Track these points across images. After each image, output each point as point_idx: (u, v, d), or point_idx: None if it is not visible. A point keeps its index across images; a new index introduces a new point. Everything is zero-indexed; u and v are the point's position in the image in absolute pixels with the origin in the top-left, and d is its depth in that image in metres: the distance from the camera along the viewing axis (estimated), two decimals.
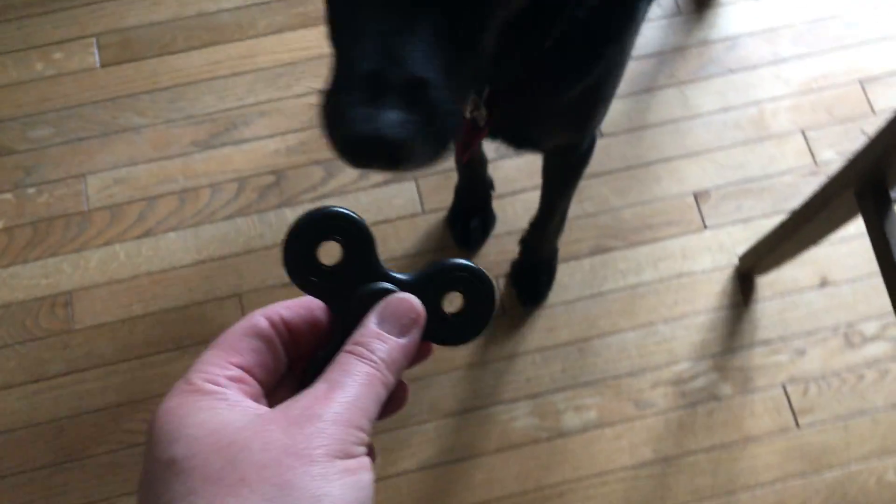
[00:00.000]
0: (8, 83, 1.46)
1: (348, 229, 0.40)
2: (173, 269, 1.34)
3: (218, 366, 0.37)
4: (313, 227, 0.40)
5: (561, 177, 1.07)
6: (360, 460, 0.34)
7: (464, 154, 0.82)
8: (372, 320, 0.39)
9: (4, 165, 1.41)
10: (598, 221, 1.36)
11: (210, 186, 1.39)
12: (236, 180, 1.39)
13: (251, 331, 0.39)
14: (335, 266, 0.40)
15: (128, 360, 1.30)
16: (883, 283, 0.96)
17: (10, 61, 1.47)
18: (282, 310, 0.40)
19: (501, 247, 1.35)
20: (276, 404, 0.36)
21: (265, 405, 0.38)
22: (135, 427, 1.26)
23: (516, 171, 1.39)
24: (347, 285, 0.40)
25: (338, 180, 1.39)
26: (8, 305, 1.32)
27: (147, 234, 1.36)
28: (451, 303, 0.41)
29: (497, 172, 1.37)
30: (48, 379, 1.29)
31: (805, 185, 1.37)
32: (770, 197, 1.37)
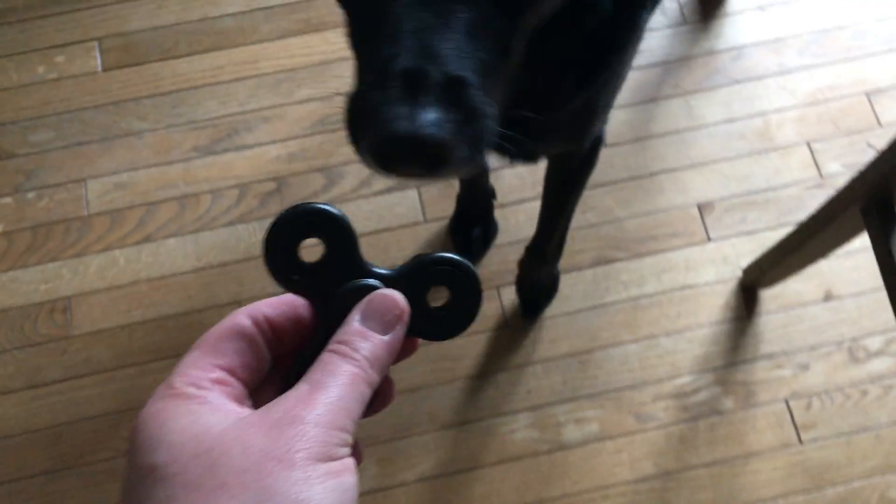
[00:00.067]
0: (9, 86, 1.45)
1: (329, 226, 0.39)
2: (173, 275, 1.34)
3: (200, 368, 0.37)
4: (294, 225, 0.39)
5: (563, 185, 1.05)
6: (344, 462, 0.34)
7: None
8: (355, 318, 0.38)
9: (4, 169, 1.40)
10: (601, 232, 1.35)
11: (211, 192, 1.38)
12: (237, 186, 1.38)
13: (234, 331, 0.38)
14: (317, 263, 0.40)
15: (126, 366, 1.29)
16: (888, 298, 0.96)
17: (11, 64, 1.47)
18: (265, 308, 0.40)
19: (503, 256, 1.34)
20: (261, 404, 0.36)
21: (249, 406, 0.37)
22: None
23: (518, 180, 1.38)
24: (330, 282, 0.39)
25: (339, 187, 1.38)
26: (6, 310, 1.32)
27: (147, 240, 1.35)
28: (438, 297, 0.40)
29: (499, 182, 1.36)
30: (46, 385, 1.28)
31: (810, 197, 1.36)
32: (775, 209, 1.36)
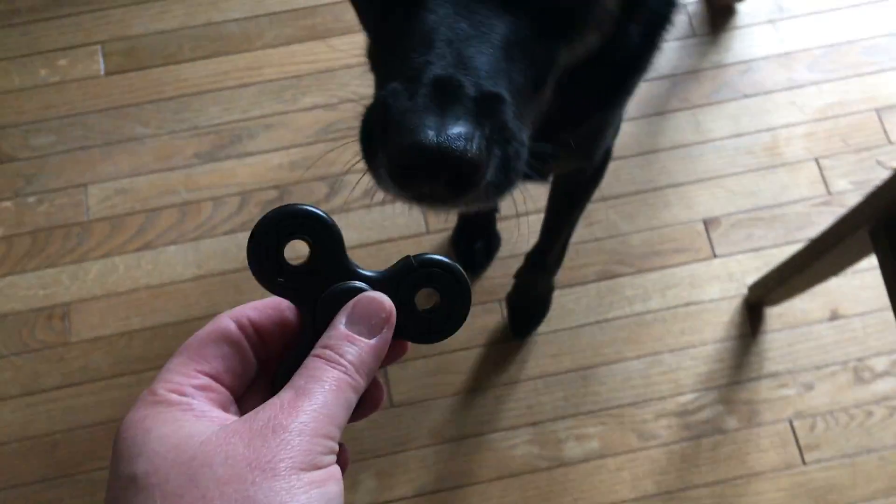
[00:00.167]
0: (11, 89, 1.44)
1: (314, 227, 0.38)
2: (172, 283, 1.32)
3: (184, 374, 0.36)
4: (278, 227, 0.38)
5: (569, 199, 1.04)
6: (328, 470, 0.33)
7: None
8: (341, 321, 0.37)
9: (5, 173, 1.39)
10: (605, 246, 1.34)
11: (212, 200, 1.37)
12: (239, 194, 1.37)
13: (218, 336, 0.38)
14: (303, 265, 0.39)
15: (124, 374, 1.28)
16: (894, 319, 0.94)
17: (13, 67, 1.45)
18: (250, 311, 0.39)
19: (506, 269, 1.32)
20: (247, 408, 0.36)
21: (235, 411, 0.37)
22: None
23: (521, 192, 1.36)
24: (316, 285, 0.39)
25: (341, 197, 1.37)
26: (4, 316, 1.31)
27: (147, 247, 1.34)
28: (427, 299, 0.39)
29: None
30: (43, 392, 1.27)
31: (817, 214, 1.35)
32: (781, 226, 1.35)
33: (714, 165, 1.38)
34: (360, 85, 1.41)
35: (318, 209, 0.38)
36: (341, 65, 1.45)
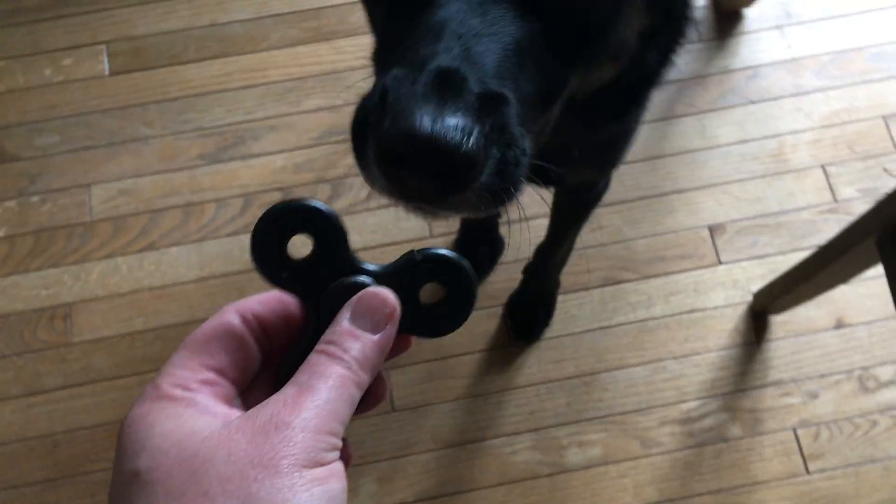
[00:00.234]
0: (15, 88, 1.44)
1: (318, 222, 0.38)
2: (175, 284, 1.32)
3: (188, 369, 0.36)
4: (281, 221, 0.38)
5: (572, 214, 1.04)
6: (331, 468, 0.33)
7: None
8: (344, 316, 0.37)
9: (9, 172, 1.39)
10: (609, 252, 1.33)
11: (215, 201, 1.36)
12: (242, 196, 1.37)
13: (222, 330, 0.38)
14: (306, 259, 0.39)
15: (125, 376, 1.28)
16: None
17: (18, 66, 1.45)
18: (254, 305, 0.39)
19: (510, 274, 1.32)
20: (252, 402, 0.36)
21: (239, 405, 0.37)
22: None
23: (527, 197, 1.36)
24: (320, 279, 0.38)
25: (345, 199, 1.37)
26: (6, 315, 1.30)
27: (150, 248, 1.34)
28: (432, 293, 0.39)
29: None
30: (44, 392, 1.26)
31: (823, 222, 1.34)
32: (787, 233, 1.34)
33: (719, 171, 1.38)
34: (365, 87, 1.40)
35: (321, 204, 0.38)
36: (346, 67, 1.45)
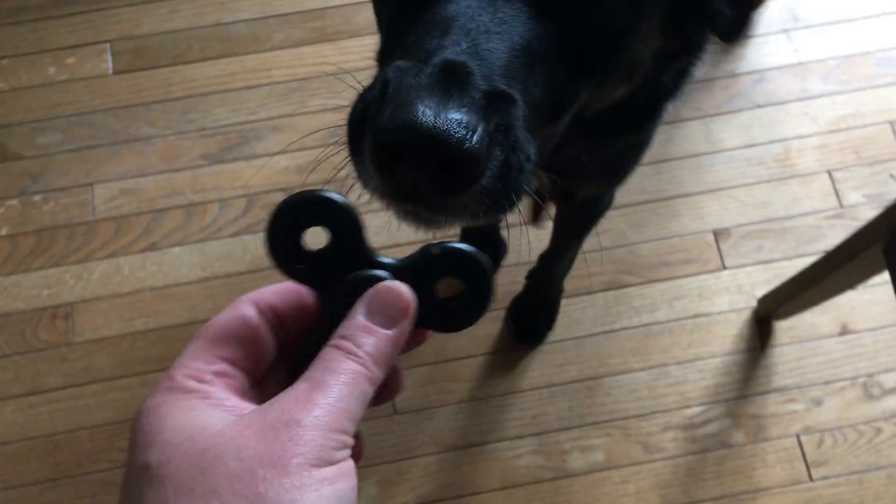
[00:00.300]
0: (19, 86, 1.43)
1: (334, 214, 0.38)
2: (177, 284, 1.32)
3: (202, 360, 0.36)
4: (297, 213, 0.37)
5: (575, 227, 1.03)
6: (341, 467, 0.33)
7: (536, 219, 0.73)
8: (359, 311, 0.37)
9: (11, 171, 1.38)
10: (613, 256, 1.33)
11: (218, 202, 1.36)
12: (245, 196, 1.36)
13: (238, 321, 0.37)
14: (322, 251, 0.38)
15: (126, 376, 1.27)
16: None
17: (21, 64, 1.45)
18: (269, 295, 0.38)
19: (512, 277, 1.31)
20: (266, 392, 0.36)
21: (253, 397, 0.37)
22: None
23: (527, 199, 1.35)
24: (335, 272, 0.38)
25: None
26: (8, 315, 1.30)
27: (152, 248, 1.34)
28: (449, 288, 0.38)
29: None
30: (45, 392, 1.26)
31: (829, 227, 1.33)
32: (792, 238, 1.33)
33: (725, 176, 1.37)
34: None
35: (338, 195, 0.37)
36: (350, 67, 1.42)
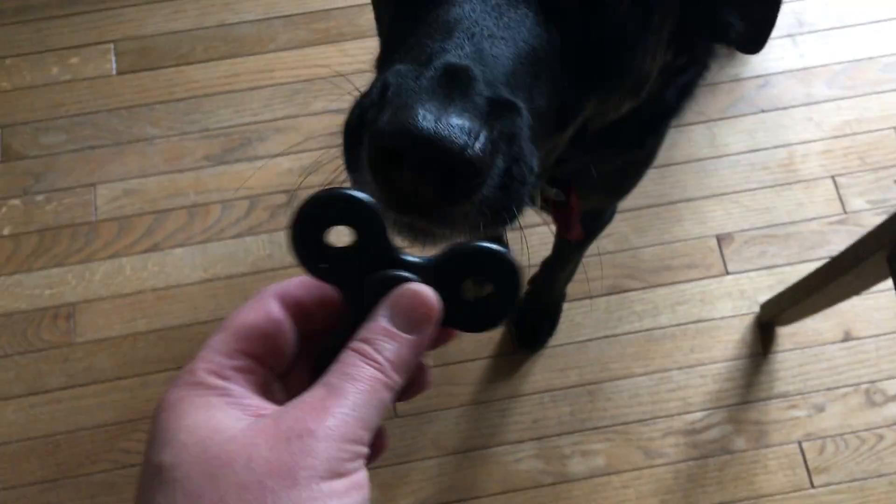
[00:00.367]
0: (22, 86, 1.44)
1: (359, 213, 0.37)
2: (179, 286, 1.32)
3: (224, 354, 0.36)
4: (322, 211, 0.37)
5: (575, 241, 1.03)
6: (353, 479, 0.32)
7: (570, 232, 0.72)
8: (382, 313, 0.36)
9: (14, 170, 1.38)
10: (616, 260, 1.32)
11: (220, 203, 1.36)
12: (248, 198, 1.36)
13: (262, 315, 0.37)
14: (346, 250, 0.37)
15: (128, 377, 1.27)
16: None
17: (25, 64, 1.45)
18: (294, 288, 0.38)
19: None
20: (290, 386, 0.36)
21: (277, 389, 0.37)
22: (131, 447, 1.23)
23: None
24: (360, 271, 0.37)
25: None
26: (10, 314, 1.30)
27: (154, 249, 1.33)
28: (475, 287, 0.37)
29: None
30: (46, 392, 1.26)
31: (833, 233, 1.33)
32: (796, 244, 1.33)
33: (728, 181, 1.36)
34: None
35: (363, 194, 0.36)
36: (354, 69, 1.44)
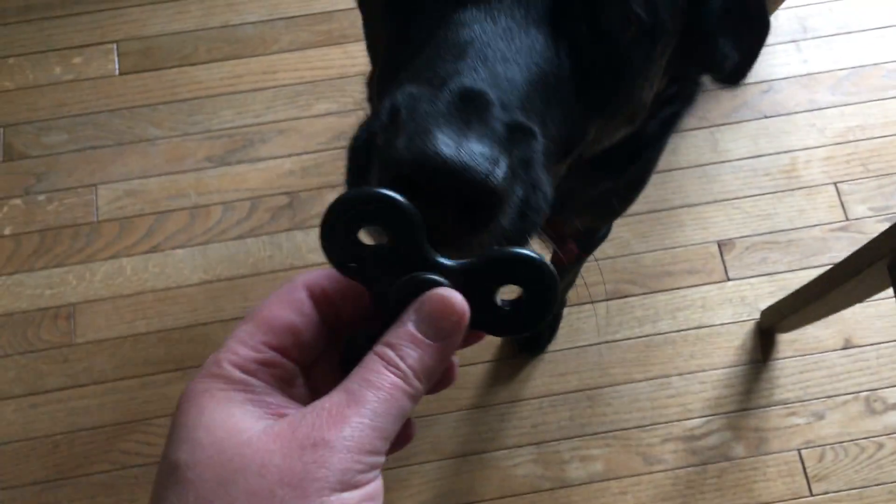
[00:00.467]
0: (25, 86, 1.44)
1: (392, 213, 0.35)
2: (179, 287, 1.32)
3: (250, 347, 0.35)
4: (354, 210, 0.36)
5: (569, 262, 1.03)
6: (366, 490, 0.32)
7: (565, 253, 0.72)
8: (409, 318, 0.35)
9: (16, 170, 1.38)
10: (616, 265, 1.32)
11: (222, 204, 1.36)
12: (249, 199, 1.36)
13: (289, 305, 0.36)
14: (378, 249, 0.36)
15: (127, 378, 1.27)
16: None
17: (28, 63, 1.45)
18: (324, 281, 0.37)
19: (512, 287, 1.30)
20: (315, 378, 0.36)
21: (301, 384, 0.36)
22: (130, 448, 1.23)
23: None
24: (391, 271, 0.36)
25: None
26: (10, 314, 1.30)
27: (155, 250, 1.33)
28: (507, 291, 0.36)
29: None
30: (46, 392, 1.26)
31: (834, 240, 1.32)
32: (797, 250, 1.32)
33: (730, 186, 1.36)
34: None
35: (397, 194, 0.35)
36: (356, 71, 1.44)
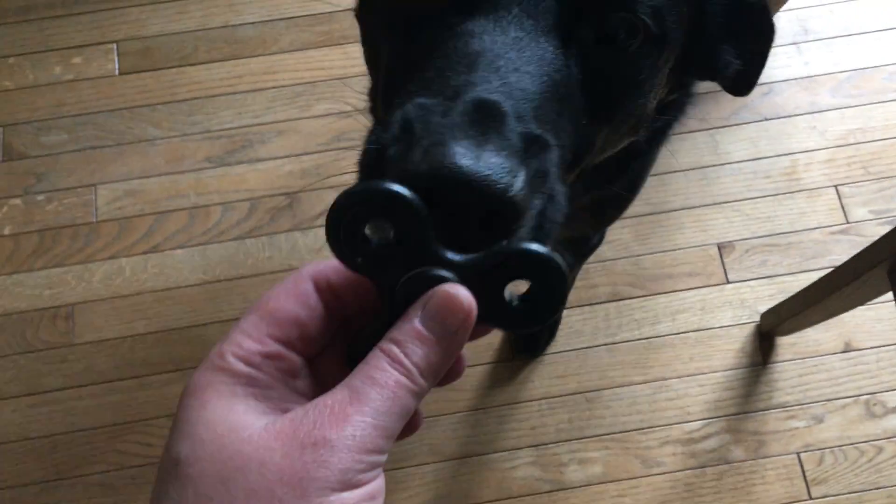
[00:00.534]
0: (25, 85, 1.43)
1: (399, 208, 0.35)
2: (178, 287, 1.31)
3: (255, 339, 0.35)
4: (361, 205, 0.35)
5: (569, 259, 1.03)
6: (367, 489, 0.32)
7: None
8: (415, 314, 0.34)
9: (16, 170, 1.38)
10: (616, 267, 1.32)
11: (221, 205, 1.36)
12: (248, 200, 1.36)
13: (295, 297, 0.36)
14: (385, 244, 0.35)
15: (126, 378, 1.27)
16: None
17: (28, 63, 1.45)
18: (331, 273, 0.37)
19: (515, 286, 1.30)
20: (320, 370, 0.36)
21: (306, 375, 0.36)
22: (128, 448, 1.23)
23: None
24: (398, 267, 0.36)
25: None
26: (9, 314, 1.30)
27: (154, 250, 1.33)
28: (517, 286, 0.36)
29: None
30: (44, 393, 1.26)
31: (835, 243, 1.32)
32: (797, 253, 1.32)
33: (730, 189, 1.36)
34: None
35: (406, 189, 0.35)
36: (357, 72, 1.44)
